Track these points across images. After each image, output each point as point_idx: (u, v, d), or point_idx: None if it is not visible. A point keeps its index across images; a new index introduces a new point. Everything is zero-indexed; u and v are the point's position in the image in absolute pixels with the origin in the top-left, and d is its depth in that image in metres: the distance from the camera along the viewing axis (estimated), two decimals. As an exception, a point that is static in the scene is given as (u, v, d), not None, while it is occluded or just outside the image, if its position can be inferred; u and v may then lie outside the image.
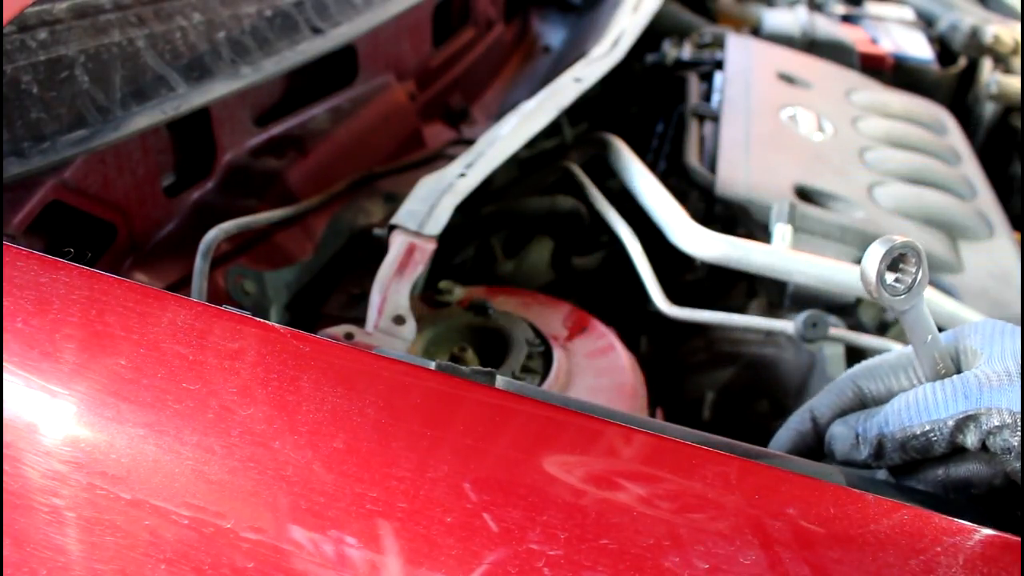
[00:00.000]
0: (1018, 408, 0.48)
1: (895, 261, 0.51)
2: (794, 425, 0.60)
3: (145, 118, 0.81)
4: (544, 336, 0.85)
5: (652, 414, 0.87)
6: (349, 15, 1.16)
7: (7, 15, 0.71)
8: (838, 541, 0.44)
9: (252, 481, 0.46)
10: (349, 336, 0.74)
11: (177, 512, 0.46)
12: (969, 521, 0.46)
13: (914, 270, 0.52)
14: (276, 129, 1.11)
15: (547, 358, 0.83)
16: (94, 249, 0.83)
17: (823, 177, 1.17)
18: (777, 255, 0.92)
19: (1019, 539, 0.46)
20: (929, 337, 0.54)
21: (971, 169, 1.35)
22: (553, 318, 0.90)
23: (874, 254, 0.50)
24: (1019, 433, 0.47)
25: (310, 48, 1.05)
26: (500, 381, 0.55)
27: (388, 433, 0.47)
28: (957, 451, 0.51)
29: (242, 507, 0.46)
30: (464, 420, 0.49)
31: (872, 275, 0.50)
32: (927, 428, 0.50)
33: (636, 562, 0.43)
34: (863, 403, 0.58)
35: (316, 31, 1.08)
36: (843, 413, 0.58)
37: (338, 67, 1.23)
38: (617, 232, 1.04)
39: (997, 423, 0.48)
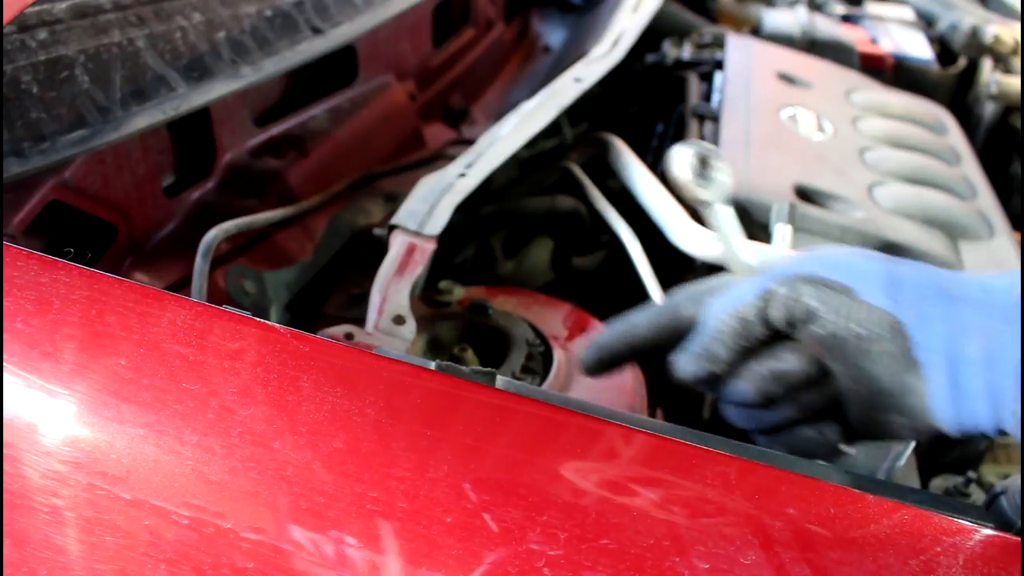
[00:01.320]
0: (808, 274, 0.53)
1: (702, 160, 0.67)
2: (614, 325, 0.63)
3: (145, 118, 0.81)
4: (544, 336, 0.85)
5: (652, 414, 0.87)
6: (349, 15, 1.16)
7: (7, 15, 0.71)
8: (838, 541, 0.44)
9: (252, 481, 0.46)
10: (349, 336, 0.74)
11: (177, 512, 0.46)
12: (969, 521, 0.46)
13: (717, 172, 0.68)
14: (276, 129, 1.11)
15: (547, 358, 0.83)
16: (94, 249, 0.83)
17: (823, 177, 1.17)
18: (777, 255, 0.92)
19: (1019, 539, 0.46)
20: (733, 237, 0.70)
21: (971, 169, 1.34)
22: (553, 318, 0.90)
23: (681, 152, 0.68)
24: (809, 297, 0.52)
25: (310, 48, 1.05)
26: (500, 381, 0.55)
27: (388, 433, 0.47)
28: (772, 340, 0.55)
29: (242, 507, 0.46)
30: (464, 420, 0.49)
31: (678, 170, 0.68)
32: (739, 313, 0.54)
33: (636, 562, 0.43)
34: (677, 325, 0.60)
35: (316, 31, 1.08)
36: (657, 332, 0.60)
37: (338, 67, 1.23)
38: (617, 232, 1.04)
39: (797, 290, 0.52)
